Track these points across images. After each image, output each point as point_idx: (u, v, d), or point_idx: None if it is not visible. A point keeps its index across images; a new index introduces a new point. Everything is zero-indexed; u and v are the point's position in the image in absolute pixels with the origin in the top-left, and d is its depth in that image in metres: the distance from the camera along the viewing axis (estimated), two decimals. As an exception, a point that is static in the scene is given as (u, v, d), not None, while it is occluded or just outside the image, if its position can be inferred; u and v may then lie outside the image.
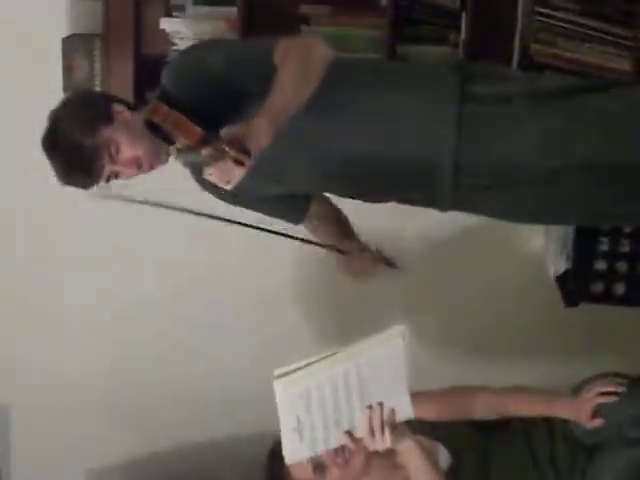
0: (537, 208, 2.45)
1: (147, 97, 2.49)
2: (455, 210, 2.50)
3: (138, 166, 2.39)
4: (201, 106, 2.25)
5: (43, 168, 2.41)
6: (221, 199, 2.61)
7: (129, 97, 3.13)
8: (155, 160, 2.40)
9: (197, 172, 2.41)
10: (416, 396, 2.35)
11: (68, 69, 3.27)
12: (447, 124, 2.32)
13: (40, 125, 2.45)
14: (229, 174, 2.08)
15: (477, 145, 2.33)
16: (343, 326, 3.63)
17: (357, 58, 2.51)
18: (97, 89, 3.26)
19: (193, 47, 2.53)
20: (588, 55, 3.16)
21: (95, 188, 2.40)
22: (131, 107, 2.43)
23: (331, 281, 2.95)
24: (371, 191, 2.51)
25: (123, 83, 3.22)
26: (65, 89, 3.26)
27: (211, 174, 2.08)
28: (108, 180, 2.39)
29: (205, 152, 2.06)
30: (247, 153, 2.04)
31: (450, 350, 3.77)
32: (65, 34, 3.35)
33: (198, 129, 2.08)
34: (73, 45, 3.30)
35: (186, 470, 3.92)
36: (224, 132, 2.06)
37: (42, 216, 3.66)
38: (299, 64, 2.22)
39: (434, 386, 2.86)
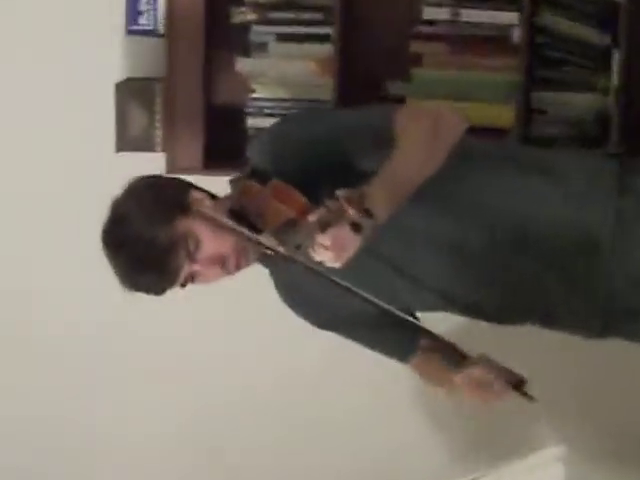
0: None
1: (231, 180, 2.26)
2: (606, 336, 2.20)
3: (222, 265, 2.17)
4: (298, 180, 2.05)
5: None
6: (308, 320, 2.37)
7: (198, 157, 2.97)
8: (242, 258, 2.18)
9: (282, 271, 2.25)
10: None
11: (122, 122, 3.02)
12: (604, 219, 2.11)
13: (92, 193, 2.34)
14: (345, 243, 1.89)
15: (632, 251, 2.12)
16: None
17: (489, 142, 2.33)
18: (158, 149, 3.00)
19: (288, 118, 2.41)
20: None
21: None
22: (212, 196, 2.26)
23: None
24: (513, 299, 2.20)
25: (191, 139, 2.96)
26: (118, 148, 2.98)
27: (325, 247, 1.88)
28: (185, 284, 2.17)
29: (313, 218, 1.88)
30: (369, 214, 1.87)
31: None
32: (119, 78, 3.08)
33: (302, 197, 1.95)
34: (128, 91, 3.05)
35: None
36: (339, 193, 1.90)
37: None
38: (426, 134, 2.04)
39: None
